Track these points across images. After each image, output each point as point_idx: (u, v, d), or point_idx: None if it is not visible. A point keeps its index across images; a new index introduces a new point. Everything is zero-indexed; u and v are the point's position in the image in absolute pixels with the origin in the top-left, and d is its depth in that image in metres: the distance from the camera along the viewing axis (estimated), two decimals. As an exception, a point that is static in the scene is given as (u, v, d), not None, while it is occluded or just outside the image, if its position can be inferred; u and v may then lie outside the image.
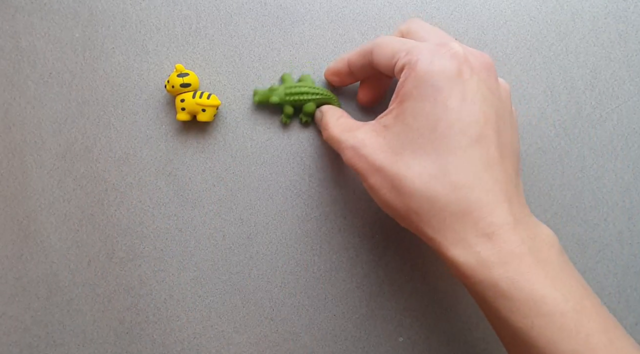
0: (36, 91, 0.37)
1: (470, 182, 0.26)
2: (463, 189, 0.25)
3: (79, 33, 0.37)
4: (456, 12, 0.37)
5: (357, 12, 0.37)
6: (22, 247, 0.36)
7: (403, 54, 0.29)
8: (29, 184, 0.37)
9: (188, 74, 0.35)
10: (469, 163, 0.26)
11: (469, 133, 0.26)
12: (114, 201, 0.37)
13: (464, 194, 0.25)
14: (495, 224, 0.25)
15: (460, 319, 0.36)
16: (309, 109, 0.36)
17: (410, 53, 0.28)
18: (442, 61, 0.27)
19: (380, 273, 0.37)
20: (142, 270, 0.36)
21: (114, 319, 0.36)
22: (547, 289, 0.24)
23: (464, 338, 0.36)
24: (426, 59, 0.27)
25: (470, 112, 0.26)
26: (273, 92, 0.35)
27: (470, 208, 0.25)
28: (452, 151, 0.26)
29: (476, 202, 0.25)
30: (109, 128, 0.37)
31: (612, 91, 0.37)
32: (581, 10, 0.38)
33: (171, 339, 0.36)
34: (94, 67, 0.37)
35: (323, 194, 0.37)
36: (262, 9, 0.37)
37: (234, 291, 0.37)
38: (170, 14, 0.37)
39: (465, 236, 0.25)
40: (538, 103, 0.37)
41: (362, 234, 0.37)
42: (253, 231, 0.37)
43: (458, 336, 0.36)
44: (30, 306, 0.36)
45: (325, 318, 0.37)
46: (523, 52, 0.37)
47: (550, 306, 0.23)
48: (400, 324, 0.37)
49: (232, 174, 0.37)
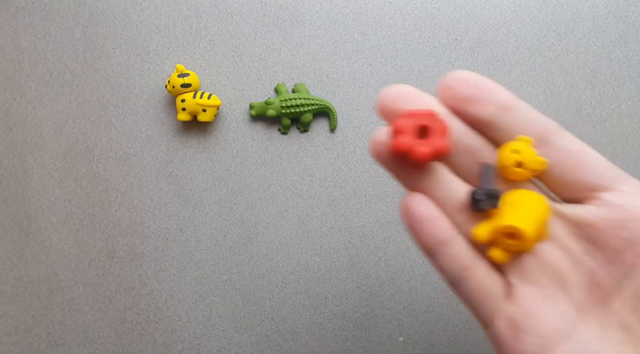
0: (37, 91, 0.37)
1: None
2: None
3: (80, 33, 0.37)
4: (456, 12, 0.37)
5: (357, 12, 0.37)
6: (23, 247, 0.37)
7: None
8: (30, 184, 0.37)
9: (189, 75, 0.35)
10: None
11: None
12: (114, 201, 0.37)
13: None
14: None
15: (461, 319, 0.36)
16: (306, 120, 0.36)
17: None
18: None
19: (380, 273, 0.37)
20: (143, 270, 0.37)
21: (115, 318, 0.36)
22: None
23: (464, 338, 0.36)
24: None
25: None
26: (269, 105, 0.35)
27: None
28: None
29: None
30: (109, 128, 0.37)
31: (612, 91, 0.37)
32: (581, 11, 0.38)
33: (172, 338, 0.36)
34: (95, 68, 0.37)
35: (323, 194, 0.37)
36: (262, 10, 0.37)
37: (235, 290, 0.37)
38: (170, 15, 0.37)
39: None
40: (538, 103, 0.37)
41: (362, 233, 0.37)
42: (253, 231, 0.37)
43: (458, 336, 0.36)
44: (31, 305, 0.36)
45: (326, 317, 0.37)
46: (523, 52, 0.37)
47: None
48: (401, 324, 0.37)
49: (233, 174, 0.37)
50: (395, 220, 0.37)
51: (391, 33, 0.37)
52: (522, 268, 0.21)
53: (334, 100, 0.37)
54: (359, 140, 0.37)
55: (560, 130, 0.21)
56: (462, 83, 0.21)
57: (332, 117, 0.36)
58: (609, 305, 0.20)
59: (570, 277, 0.20)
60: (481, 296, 0.21)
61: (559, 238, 0.21)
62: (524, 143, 0.20)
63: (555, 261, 0.20)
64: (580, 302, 0.20)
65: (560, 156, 0.20)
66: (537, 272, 0.21)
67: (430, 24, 0.37)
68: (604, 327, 0.20)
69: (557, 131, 0.21)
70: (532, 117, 0.21)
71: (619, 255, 0.20)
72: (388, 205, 0.37)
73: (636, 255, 0.19)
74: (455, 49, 0.37)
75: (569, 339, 0.20)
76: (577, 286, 0.20)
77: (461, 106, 0.21)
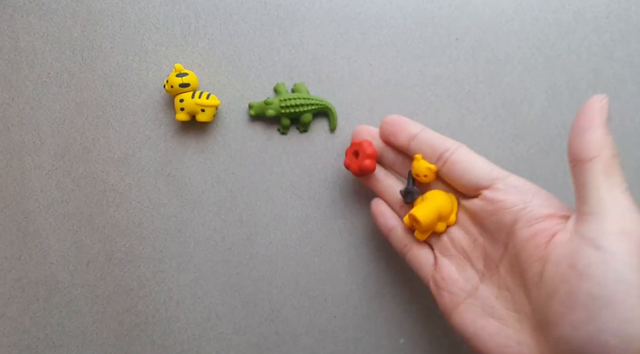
0: (35, 91, 0.36)
1: None
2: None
3: (78, 33, 0.37)
4: (457, 12, 0.37)
5: (357, 12, 0.37)
6: (21, 248, 0.36)
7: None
8: (28, 185, 0.36)
9: (187, 74, 0.34)
10: None
11: None
12: (113, 201, 0.36)
13: None
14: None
15: (461, 320, 0.36)
16: (306, 120, 0.36)
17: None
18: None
19: (381, 274, 0.37)
20: (141, 271, 0.36)
21: (114, 320, 0.36)
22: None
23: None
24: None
25: None
26: (269, 105, 0.35)
27: None
28: None
29: None
30: (107, 128, 0.36)
31: (614, 90, 0.37)
32: (583, 10, 0.37)
33: (171, 340, 0.36)
34: (93, 67, 0.36)
35: (323, 194, 0.37)
36: (262, 9, 0.37)
37: (234, 292, 0.36)
38: (169, 14, 0.37)
39: None
40: (540, 103, 0.37)
41: (362, 234, 0.37)
42: (253, 232, 0.37)
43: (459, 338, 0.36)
44: (29, 307, 0.36)
45: (326, 319, 0.36)
46: (525, 51, 0.37)
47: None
48: (401, 326, 0.36)
49: (232, 175, 0.37)
50: (395, 221, 0.36)
51: (391, 33, 0.37)
52: (441, 245, 0.30)
53: (334, 100, 0.37)
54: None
55: (455, 146, 0.29)
56: (385, 124, 0.32)
57: (332, 117, 0.36)
58: (498, 272, 0.28)
59: (472, 251, 0.29)
60: (418, 265, 0.31)
61: (464, 223, 0.30)
62: (417, 160, 0.30)
63: (461, 240, 0.30)
64: (481, 270, 0.29)
65: (454, 166, 0.29)
66: (450, 248, 0.30)
67: (430, 23, 0.37)
68: (499, 289, 0.28)
69: (453, 147, 0.29)
70: (432, 141, 0.30)
71: (495, 235, 0.28)
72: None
73: (505, 235, 0.27)
74: (456, 48, 0.37)
75: (473, 296, 0.28)
76: (477, 258, 0.29)
77: (388, 138, 0.32)
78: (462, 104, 0.37)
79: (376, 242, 0.37)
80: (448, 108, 0.37)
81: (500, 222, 0.27)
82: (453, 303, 0.29)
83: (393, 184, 0.33)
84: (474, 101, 0.37)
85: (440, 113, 0.37)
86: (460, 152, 0.29)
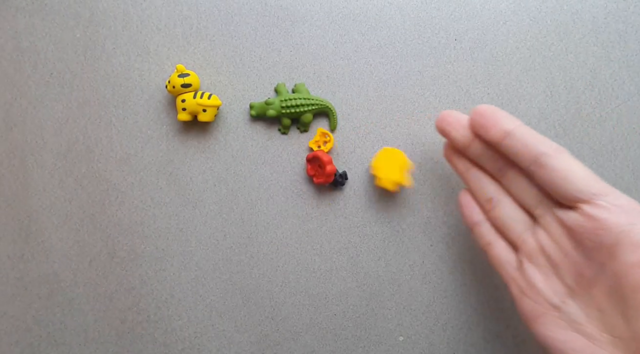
0: (37, 91, 0.37)
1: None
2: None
3: (80, 33, 0.37)
4: (456, 12, 0.37)
5: (357, 12, 0.37)
6: (24, 247, 0.37)
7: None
8: (30, 184, 0.37)
9: (189, 75, 0.35)
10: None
11: None
12: (115, 200, 0.37)
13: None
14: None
15: (460, 319, 0.36)
16: (306, 120, 0.36)
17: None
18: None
19: (380, 273, 0.37)
20: (143, 270, 0.37)
21: (116, 318, 0.36)
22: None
23: (464, 338, 0.36)
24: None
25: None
26: (269, 105, 0.35)
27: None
28: None
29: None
30: (110, 128, 0.37)
31: (612, 90, 0.37)
32: (581, 11, 0.38)
33: (172, 338, 0.36)
34: (95, 68, 0.37)
35: (323, 194, 0.37)
36: (262, 9, 0.37)
37: (235, 290, 0.37)
38: (171, 15, 0.37)
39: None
40: (538, 103, 0.37)
41: (362, 233, 0.37)
42: (254, 231, 0.37)
43: (458, 336, 0.36)
44: (31, 305, 0.37)
45: (326, 317, 0.37)
46: (523, 52, 0.37)
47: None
48: (401, 324, 0.37)
49: (233, 174, 0.37)
50: (395, 219, 0.37)
51: (391, 33, 0.37)
52: (528, 251, 0.29)
53: (334, 100, 0.37)
54: (359, 140, 0.37)
55: (555, 151, 0.27)
56: (476, 114, 0.29)
57: (332, 117, 0.36)
58: (591, 291, 0.26)
59: (561, 264, 0.27)
60: (499, 264, 0.30)
61: (554, 234, 0.28)
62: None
63: (551, 250, 0.28)
64: (571, 285, 0.27)
65: (552, 174, 0.26)
66: (539, 256, 0.28)
67: (430, 24, 0.37)
68: (590, 308, 0.26)
69: (552, 152, 0.27)
70: (529, 140, 0.27)
71: (591, 253, 0.26)
72: (388, 205, 0.37)
73: (604, 256, 0.25)
74: (455, 49, 0.37)
75: (558, 310, 0.27)
76: (567, 272, 0.27)
77: (478, 130, 0.29)
78: (460, 104, 0.37)
79: (376, 241, 0.37)
80: (447, 108, 0.37)
81: (600, 242, 0.25)
82: (536, 312, 0.27)
83: (484, 186, 0.31)
84: (472, 101, 0.37)
85: (440, 113, 0.37)
86: (561, 158, 0.26)
